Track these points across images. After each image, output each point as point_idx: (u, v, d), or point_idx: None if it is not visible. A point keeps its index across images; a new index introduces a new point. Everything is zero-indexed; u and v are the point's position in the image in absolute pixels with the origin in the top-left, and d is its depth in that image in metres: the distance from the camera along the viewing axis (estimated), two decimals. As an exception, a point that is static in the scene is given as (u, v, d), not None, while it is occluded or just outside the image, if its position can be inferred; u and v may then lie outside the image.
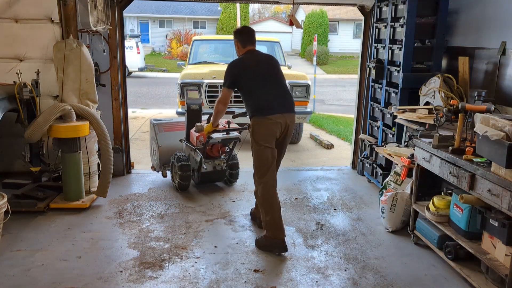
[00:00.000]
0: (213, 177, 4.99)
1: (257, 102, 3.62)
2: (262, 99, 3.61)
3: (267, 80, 3.69)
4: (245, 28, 3.96)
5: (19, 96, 3.98)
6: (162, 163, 5.22)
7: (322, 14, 28.67)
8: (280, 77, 3.78)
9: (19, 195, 4.15)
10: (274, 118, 3.54)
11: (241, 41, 3.80)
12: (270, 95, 3.63)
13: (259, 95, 3.62)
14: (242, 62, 3.75)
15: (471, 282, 3.00)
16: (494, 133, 2.60)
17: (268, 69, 3.75)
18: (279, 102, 3.63)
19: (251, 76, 3.66)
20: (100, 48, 4.92)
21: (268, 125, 3.55)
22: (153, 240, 3.67)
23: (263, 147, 3.56)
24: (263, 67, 3.74)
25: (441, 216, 3.34)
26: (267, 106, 3.58)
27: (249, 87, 3.67)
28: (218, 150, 4.86)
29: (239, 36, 3.83)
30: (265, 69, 3.73)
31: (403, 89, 4.42)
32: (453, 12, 4.41)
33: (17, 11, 4.50)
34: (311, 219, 4.20)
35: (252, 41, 3.83)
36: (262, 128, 3.57)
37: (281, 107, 3.61)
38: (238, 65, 3.72)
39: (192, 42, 8.58)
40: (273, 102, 3.60)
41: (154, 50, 32.02)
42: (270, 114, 3.55)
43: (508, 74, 3.64)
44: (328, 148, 7.50)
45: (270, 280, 3.10)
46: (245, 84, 3.67)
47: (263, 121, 3.56)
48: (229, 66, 3.73)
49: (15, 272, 3.11)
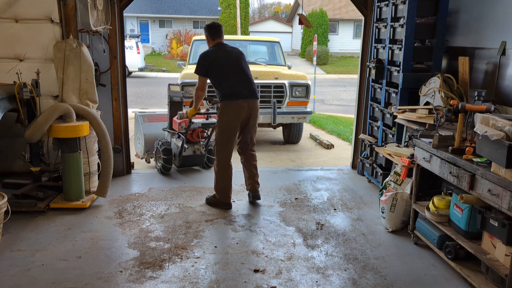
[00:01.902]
0: (193, 161, 5.56)
1: (225, 89, 4.28)
2: (229, 87, 4.27)
3: (234, 70, 4.31)
4: (214, 24, 4.50)
5: (19, 96, 3.97)
6: (146, 150, 5.89)
7: (322, 14, 28.69)
8: (244, 67, 4.39)
9: (19, 195, 4.15)
10: (240, 103, 4.25)
11: (210, 35, 4.40)
12: (236, 83, 4.28)
13: (227, 83, 4.27)
14: (212, 53, 4.35)
15: (471, 282, 3.00)
16: (494, 133, 2.60)
17: (235, 60, 4.35)
18: (243, 89, 4.29)
19: (220, 66, 4.29)
20: (100, 48, 4.92)
21: (234, 108, 4.25)
22: (153, 240, 3.67)
23: (226, 125, 4.28)
24: (230, 59, 4.34)
25: (441, 216, 3.34)
26: (234, 92, 4.26)
27: (219, 76, 4.30)
28: (198, 135, 5.49)
29: (209, 30, 4.41)
30: (232, 60, 4.34)
31: (403, 89, 4.42)
32: (453, 12, 4.41)
33: (17, 11, 4.50)
34: (311, 219, 4.20)
35: (220, 35, 4.42)
36: (229, 110, 4.25)
37: (245, 94, 4.29)
38: (209, 57, 4.33)
39: (192, 42, 8.57)
40: (238, 89, 4.27)
41: (154, 50, 32.04)
42: (236, 99, 4.25)
43: (508, 74, 3.64)
44: (328, 148, 7.50)
45: (270, 280, 3.10)
46: (215, 73, 4.30)
47: (230, 105, 4.26)
48: (200, 57, 4.35)
49: (15, 272, 3.11)
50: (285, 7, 50.09)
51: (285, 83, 7.08)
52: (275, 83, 7.05)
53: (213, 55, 4.32)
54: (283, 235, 3.82)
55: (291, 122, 7.27)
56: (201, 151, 5.47)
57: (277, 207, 4.47)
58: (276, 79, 7.09)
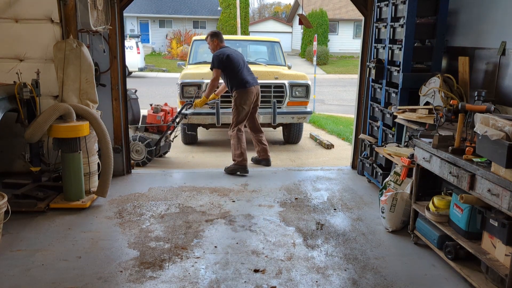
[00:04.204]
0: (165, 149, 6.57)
1: (239, 79, 5.56)
2: (242, 77, 5.57)
3: (241, 64, 5.61)
4: (218, 31, 5.82)
5: (19, 96, 3.97)
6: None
7: (322, 14, 28.70)
8: (246, 62, 5.77)
9: (19, 195, 4.15)
10: (251, 89, 5.60)
11: (220, 39, 5.71)
12: (244, 74, 5.60)
13: (239, 74, 5.55)
14: (227, 51, 5.60)
15: (471, 282, 3.00)
16: (494, 133, 2.60)
17: (241, 57, 5.73)
18: (251, 79, 5.67)
19: (234, 61, 5.55)
20: (100, 48, 4.92)
21: (248, 93, 5.57)
22: (153, 240, 3.67)
23: (242, 108, 5.58)
24: (238, 56, 5.68)
25: (441, 216, 3.34)
26: (245, 81, 5.57)
27: (235, 68, 5.54)
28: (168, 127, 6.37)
29: (218, 36, 5.70)
30: (240, 57, 5.69)
31: (403, 89, 4.42)
32: (453, 12, 4.41)
33: (17, 11, 4.50)
34: (311, 219, 4.20)
35: (223, 40, 5.76)
36: (244, 96, 5.56)
37: (252, 82, 5.65)
38: (225, 54, 5.53)
39: (192, 42, 8.58)
40: (248, 78, 5.60)
41: (154, 50, 32.04)
42: (249, 87, 5.58)
43: (508, 74, 3.64)
44: (328, 148, 7.50)
45: (270, 280, 3.10)
46: (232, 66, 5.52)
47: (244, 91, 5.55)
48: (217, 55, 5.52)
49: (15, 272, 3.11)
50: (285, 7, 50.09)
51: (285, 83, 7.08)
52: (275, 83, 7.05)
53: (227, 52, 5.56)
54: (283, 235, 3.83)
55: (291, 122, 7.27)
56: (170, 140, 6.55)
57: (277, 207, 4.47)
58: (276, 79, 7.09)
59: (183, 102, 6.81)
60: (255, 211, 4.36)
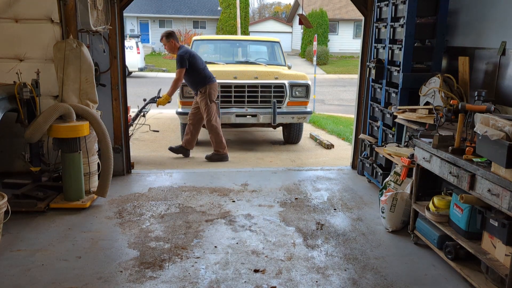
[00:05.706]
0: None
1: (207, 74, 6.08)
2: (208, 72, 6.12)
3: (202, 60, 6.18)
4: (172, 31, 6.25)
5: (19, 96, 3.97)
6: None
7: (322, 14, 28.70)
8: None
9: (19, 195, 4.15)
10: (216, 84, 6.22)
11: (176, 39, 6.12)
12: (208, 70, 6.14)
13: (205, 70, 6.09)
14: (188, 50, 6.15)
15: (471, 282, 3.00)
16: (494, 133, 2.60)
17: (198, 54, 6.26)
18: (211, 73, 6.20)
19: (197, 58, 6.07)
20: (100, 48, 4.92)
21: (216, 87, 6.19)
22: (153, 240, 3.67)
23: (213, 102, 6.15)
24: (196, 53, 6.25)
25: (441, 216, 3.34)
26: (212, 75, 6.15)
27: (201, 65, 6.06)
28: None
29: (173, 36, 6.09)
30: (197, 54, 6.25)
31: (403, 89, 4.42)
32: (453, 12, 4.41)
33: (17, 11, 4.50)
34: (311, 219, 4.20)
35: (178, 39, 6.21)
36: (215, 88, 6.17)
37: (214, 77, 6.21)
38: (188, 52, 6.06)
39: (192, 42, 8.57)
40: (211, 74, 6.14)
41: (154, 50, 32.04)
42: (215, 81, 6.17)
43: (508, 74, 3.64)
44: (328, 148, 7.50)
45: (270, 280, 3.10)
46: (198, 63, 6.02)
47: (215, 84, 6.16)
48: (181, 55, 5.93)
49: (15, 272, 3.11)
50: (285, 7, 50.10)
51: (285, 83, 7.08)
52: (275, 83, 7.05)
53: (189, 50, 6.16)
54: (283, 235, 3.83)
55: (291, 122, 7.27)
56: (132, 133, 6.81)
57: (277, 207, 4.47)
58: (276, 79, 7.09)
59: (183, 102, 6.82)
60: (255, 211, 4.36)
